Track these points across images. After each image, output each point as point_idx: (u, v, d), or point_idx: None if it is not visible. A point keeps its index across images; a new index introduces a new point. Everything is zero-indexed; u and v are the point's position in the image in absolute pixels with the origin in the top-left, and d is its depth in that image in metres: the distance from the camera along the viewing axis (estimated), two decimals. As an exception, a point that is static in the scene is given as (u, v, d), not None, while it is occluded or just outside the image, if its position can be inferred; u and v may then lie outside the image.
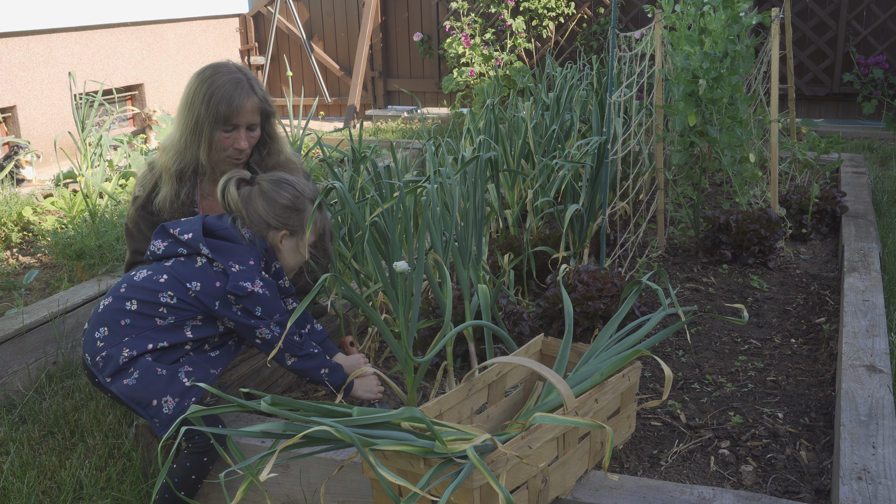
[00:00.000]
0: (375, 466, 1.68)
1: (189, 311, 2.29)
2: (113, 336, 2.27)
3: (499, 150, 3.67)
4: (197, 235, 2.32)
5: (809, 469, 2.26)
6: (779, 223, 3.76)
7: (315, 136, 4.13)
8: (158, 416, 2.22)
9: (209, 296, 2.28)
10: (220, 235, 2.35)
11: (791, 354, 2.94)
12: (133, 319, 2.27)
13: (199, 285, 2.28)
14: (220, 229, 2.36)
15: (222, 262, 2.30)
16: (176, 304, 2.28)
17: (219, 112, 2.52)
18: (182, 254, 2.34)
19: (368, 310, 2.47)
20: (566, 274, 3.00)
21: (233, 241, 2.35)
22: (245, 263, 2.31)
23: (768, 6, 7.36)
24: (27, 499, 2.41)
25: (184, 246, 2.33)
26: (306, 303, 2.13)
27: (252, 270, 2.31)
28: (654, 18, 3.80)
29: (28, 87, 6.58)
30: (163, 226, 2.39)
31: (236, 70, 2.58)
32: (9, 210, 4.63)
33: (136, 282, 2.32)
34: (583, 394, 2.11)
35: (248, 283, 2.28)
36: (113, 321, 2.28)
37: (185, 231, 2.34)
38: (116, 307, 2.30)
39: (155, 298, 2.28)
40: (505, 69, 7.84)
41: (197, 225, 2.36)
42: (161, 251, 2.36)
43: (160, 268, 2.33)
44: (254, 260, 2.33)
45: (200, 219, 2.39)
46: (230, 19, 8.89)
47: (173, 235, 2.35)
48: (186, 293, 2.28)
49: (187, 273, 2.30)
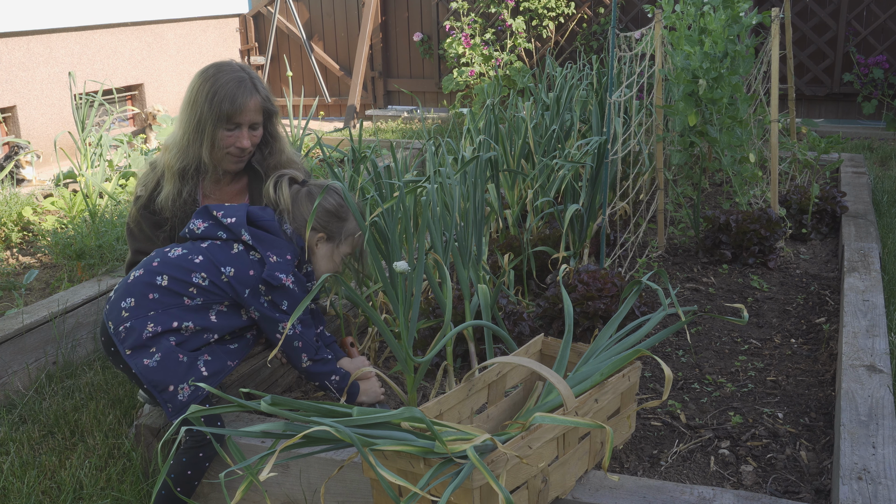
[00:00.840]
0: (375, 466, 1.68)
1: (218, 296, 2.31)
2: (139, 308, 2.27)
3: (499, 150, 3.67)
4: (241, 221, 2.35)
5: (809, 469, 2.26)
6: (779, 223, 3.76)
7: (315, 136, 4.13)
8: (173, 401, 2.25)
9: (241, 283, 2.30)
10: (262, 226, 2.38)
11: (791, 354, 2.94)
12: (162, 295, 2.28)
13: (234, 271, 2.30)
14: (264, 220, 2.39)
15: (261, 251, 2.32)
16: (207, 286, 2.30)
17: (222, 110, 2.52)
18: (221, 237, 2.36)
19: (368, 310, 2.47)
20: (566, 274, 3.00)
21: (274, 233, 2.38)
22: (283, 256, 2.34)
23: (768, 6, 7.36)
24: (27, 499, 2.41)
25: (224, 230, 2.36)
26: (306, 302, 2.13)
27: (289, 264, 2.34)
28: (654, 18, 3.80)
29: (28, 87, 6.58)
30: (206, 207, 2.41)
31: (240, 69, 2.59)
32: (9, 210, 4.63)
33: (170, 258, 2.33)
34: (583, 394, 2.11)
35: (283, 275, 2.30)
36: (141, 294, 2.28)
37: (228, 215, 2.36)
38: (147, 280, 2.30)
39: (187, 277, 2.29)
40: (505, 69, 7.84)
41: (241, 212, 2.38)
42: (200, 231, 2.38)
43: (196, 248, 2.35)
44: (291, 255, 2.36)
45: (245, 207, 2.41)
46: (230, 19, 8.89)
47: (216, 218, 2.37)
48: (219, 277, 2.30)
49: (223, 258, 2.32)
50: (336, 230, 2.49)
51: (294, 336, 2.35)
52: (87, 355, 3.32)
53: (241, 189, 2.77)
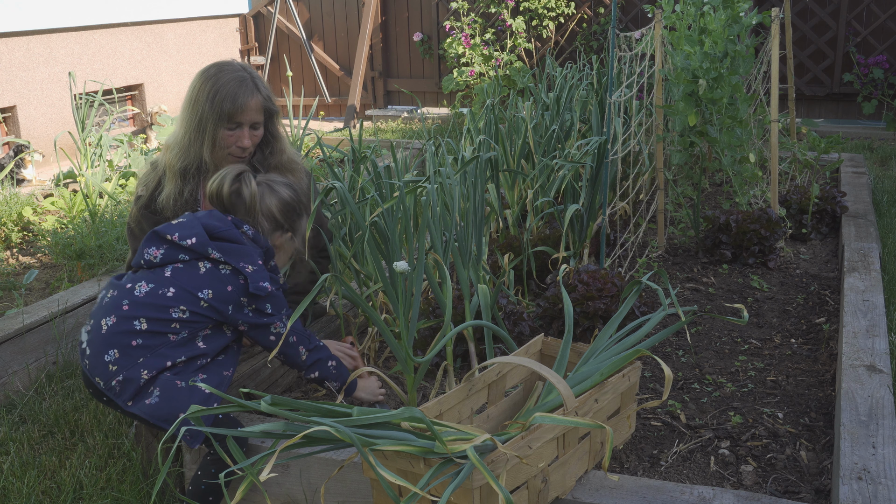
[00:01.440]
0: (375, 466, 1.68)
1: (201, 323, 2.24)
2: (126, 358, 2.18)
3: (499, 150, 3.67)
4: (202, 240, 2.25)
5: (809, 469, 2.26)
6: (779, 223, 3.76)
7: (315, 136, 4.13)
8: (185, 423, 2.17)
9: (223, 301, 2.23)
10: (224, 237, 2.29)
11: (791, 354, 2.94)
12: (145, 339, 2.19)
13: (211, 293, 2.22)
14: (222, 231, 2.29)
15: (233, 264, 2.24)
16: (188, 317, 2.21)
17: (223, 109, 2.52)
18: (183, 260, 2.26)
19: (368, 310, 2.47)
20: (566, 274, 3.00)
21: (237, 241, 2.29)
22: (255, 263, 2.28)
23: (768, 6, 7.36)
24: (27, 499, 2.41)
25: (186, 252, 2.25)
26: (307, 302, 2.13)
27: (263, 269, 2.30)
28: (654, 18, 3.80)
29: (28, 87, 6.58)
30: (155, 232, 2.30)
31: (241, 69, 2.60)
32: (9, 210, 4.64)
33: (139, 298, 2.22)
34: (583, 394, 2.11)
35: (266, 283, 2.26)
36: (123, 344, 2.19)
37: (185, 236, 2.25)
38: (124, 329, 2.20)
39: (166, 315, 2.20)
40: (505, 69, 7.84)
41: (198, 228, 2.27)
42: (158, 259, 2.27)
43: (161, 279, 2.24)
44: (261, 258, 2.32)
45: (198, 222, 2.30)
46: (230, 19, 8.89)
47: (171, 241, 2.26)
48: (198, 304, 2.22)
49: (195, 282, 2.22)
50: (299, 225, 2.51)
51: (288, 332, 2.31)
52: (87, 355, 3.32)
53: None
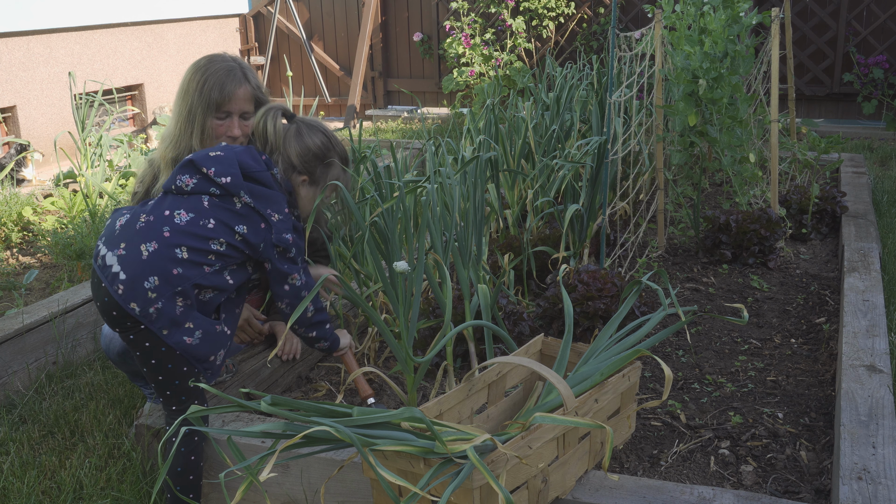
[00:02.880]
0: (375, 466, 1.68)
1: (233, 257, 2.27)
2: (165, 286, 2.18)
3: (499, 150, 3.67)
4: (237, 181, 2.27)
5: (809, 469, 2.26)
6: (779, 223, 3.76)
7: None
8: (212, 367, 2.28)
9: (256, 237, 2.28)
10: (257, 179, 2.31)
11: (791, 354, 2.94)
12: (185, 269, 2.20)
13: (246, 228, 2.26)
14: (256, 171, 2.32)
15: (261, 210, 2.29)
16: (224, 250, 2.25)
17: (211, 98, 2.55)
18: (214, 193, 2.28)
19: (368, 310, 2.47)
20: (566, 274, 3.00)
21: (269, 185, 2.32)
22: (282, 212, 2.32)
23: (768, 6, 7.36)
24: (27, 499, 2.41)
25: (217, 187, 2.28)
26: (306, 302, 2.14)
27: (288, 219, 2.33)
28: (654, 18, 3.80)
29: (28, 87, 6.58)
30: (192, 160, 2.31)
31: (231, 59, 2.63)
32: (9, 210, 4.64)
33: (180, 226, 2.22)
34: (583, 394, 2.11)
35: (289, 235, 2.31)
36: (164, 270, 2.18)
37: (221, 174, 2.27)
38: (167, 255, 2.19)
39: (206, 246, 2.23)
40: (505, 69, 7.84)
41: (234, 168, 2.29)
42: (189, 187, 2.28)
43: (201, 209, 2.25)
44: (287, 207, 2.35)
45: (235, 158, 2.32)
46: (230, 19, 8.89)
47: (206, 174, 2.28)
48: (234, 238, 2.26)
49: (233, 218, 2.26)
50: (320, 174, 2.46)
51: (302, 285, 2.35)
52: (87, 355, 3.32)
53: None
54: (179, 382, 2.25)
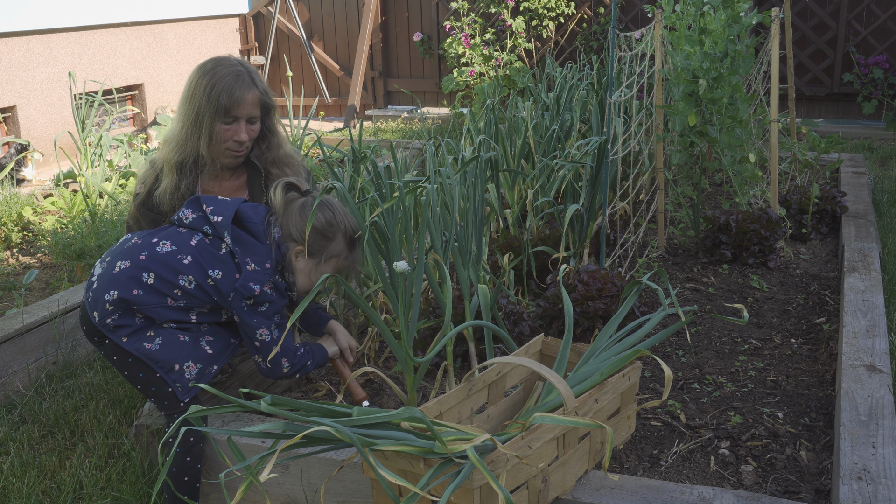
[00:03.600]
0: (375, 467, 1.68)
1: (201, 300, 2.28)
2: (122, 302, 2.24)
3: (499, 150, 3.67)
4: (226, 222, 2.30)
5: (809, 469, 2.26)
6: (779, 223, 3.76)
7: (315, 136, 4.13)
8: (180, 380, 2.26)
9: (228, 285, 2.27)
10: (248, 228, 2.33)
11: (791, 354, 2.94)
12: (146, 293, 2.24)
13: (221, 274, 2.27)
14: (250, 222, 2.34)
15: (240, 257, 2.28)
16: (192, 289, 2.26)
17: (220, 103, 2.53)
18: (207, 233, 2.31)
19: (368, 310, 2.47)
20: (566, 274, 3.00)
21: (258, 237, 2.33)
22: (262, 265, 2.29)
23: (768, 6, 7.36)
24: (27, 499, 2.41)
25: (210, 226, 2.31)
26: (306, 302, 2.13)
27: (266, 273, 2.29)
28: (654, 18, 3.80)
29: (28, 87, 6.58)
30: (198, 197, 2.37)
31: (237, 63, 2.61)
32: (9, 210, 4.63)
33: (159, 254, 2.28)
34: (583, 394, 2.11)
35: (257, 287, 2.26)
36: (126, 287, 2.24)
37: (216, 212, 2.32)
38: (133, 275, 2.25)
39: (174, 279, 2.25)
40: (505, 69, 7.84)
41: (230, 210, 2.32)
42: (188, 221, 2.34)
43: (185, 245, 2.29)
44: (270, 263, 2.31)
45: (237, 203, 2.36)
46: (230, 19, 8.89)
47: (204, 212, 2.33)
48: (206, 280, 2.27)
49: (211, 260, 2.27)
50: (318, 248, 2.39)
51: (272, 341, 2.31)
52: (87, 355, 3.32)
53: (241, 185, 2.77)
54: (156, 390, 2.29)
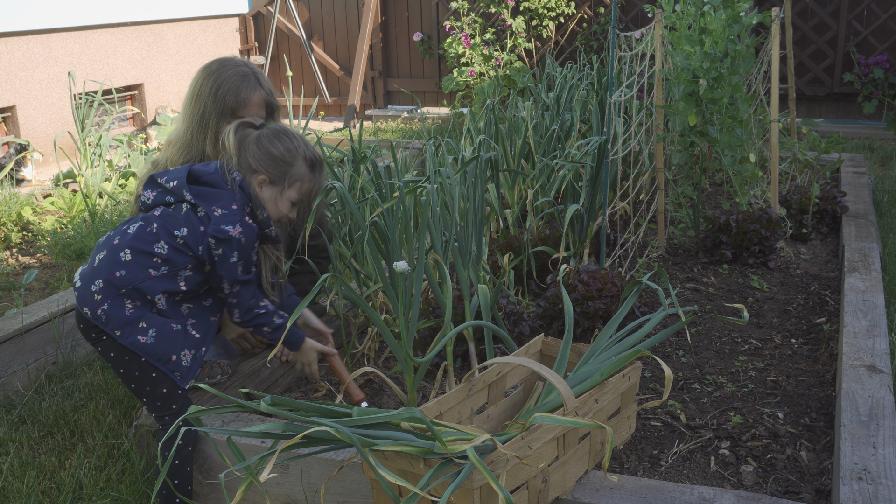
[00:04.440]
0: (375, 467, 1.68)
1: (180, 260, 2.29)
2: (109, 287, 2.25)
3: (499, 150, 3.67)
4: (181, 182, 2.32)
5: (810, 469, 2.26)
6: (779, 223, 3.76)
7: (315, 136, 4.13)
8: (179, 369, 2.28)
9: (195, 240, 2.28)
10: (204, 181, 2.34)
11: (791, 354, 2.94)
12: (128, 271, 2.26)
13: (186, 230, 2.28)
14: (205, 175, 2.35)
15: (205, 208, 2.28)
16: (167, 254, 2.28)
17: (226, 104, 2.54)
18: (169, 202, 2.33)
19: (368, 310, 2.47)
20: (566, 274, 3.00)
21: (217, 185, 2.33)
22: (228, 207, 2.29)
23: (768, 6, 7.36)
24: (27, 499, 2.41)
25: (170, 194, 2.33)
26: (306, 302, 2.13)
27: (234, 214, 2.29)
28: (654, 18, 3.80)
29: (28, 87, 6.57)
30: (152, 176, 2.37)
31: (243, 64, 2.63)
32: (8, 210, 4.63)
33: (129, 233, 2.31)
34: (583, 394, 2.11)
35: (230, 227, 2.27)
36: (108, 272, 2.26)
37: (171, 179, 2.34)
38: (111, 259, 2.28)
39: (149, 248, 2.27)
40: (505, 69, 7.84)
41: (182, 172, 2.35)
42: (150, 201, 2.35)
43: (150, 218, 2.33)
44: (237, 204, 2.31)
45: (188, 166, 2.38)
46: (230, 19, 8.89)
47: (161, 185, 2.35)
48: (175, 241, 2.28)
49: (175, 221, 2.30)
50: (279, 174, 2.37)
51: (230, 295, 2.34)
52: (87, 355, 3.32)
53: None
54: (151, 389, 2.29)
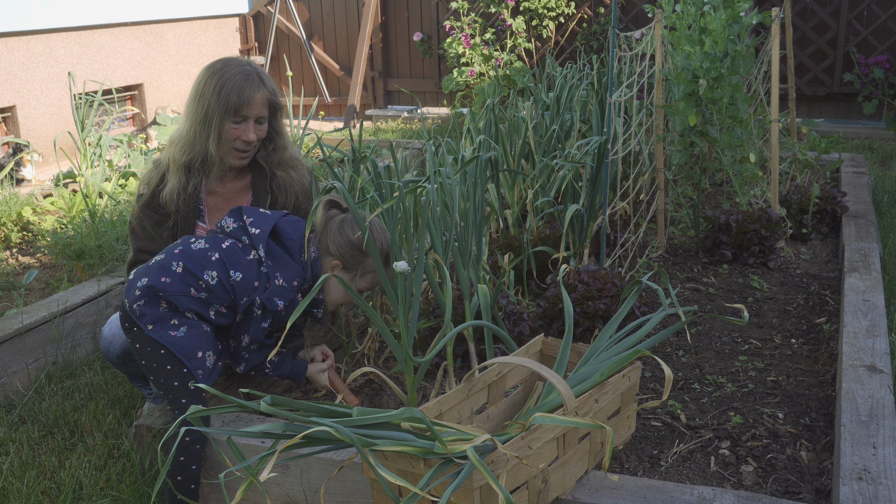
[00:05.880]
0: (375, 467, 1.68)
1: (220, 296, 2.36)
2: (150, 289, 2.34)
3: (499, 150, 3.66)
4: (263, 235, 2.39)
5: (810, 469, 2.26)
6: (779, 223, 3.76)
7: (315, 136, 4.13)
8: (202, 367, 2.34)
9: (243, 289, 2.35)
10: (283, 244, 2.42)
11: (791, 354, 2.94)
12: (172, 280, 2.34)
13: (241, 276, 2.35)
14: (287, 238, 2.43)
15: (270, 271, 2.37)
16: (214, 285, 2.35)
17: (229, 102, 2.54)
18: (244, 241, 2.40)
19: (368, 310, 2.46)
20: (566, 274, 3.00)
21: (291, 254, 2.41)
22: (290, 281, 2.38)
23: (768, 6, 7.36)
24: (27, 499, 2.41)
25: (248, 236, 2.40)
26: (307, 301, 2.13)
27: (292, 290, 2.38)
28: (654, 18, 3.80)
29: (28, 86, 6.57)
30: (241, 208, 2.46)
31: (246, 63, 2.64)
32: (8, 210, 4.63)
33: (192, 249, 2.38)
34: (583, 394, 2.11)
35: (281, 302, 2.36)
36: (156, 276, 2.35)
37: (255, 224, 2.41)
38: (164, 264, 2.36)
39: (200, 272, 2.35)
40: (505, 69, 7.84)
41: (269, 224, 2.42)
42: (230, 229, 2.43)
43: (218, 246, 2.39)
44: (297, 281, 2.40)
45: (276, 217, 2.44)
46: (230, 19, 8.89)
47: (244, 223, 2.42)
48: (227, 279, 2.35)
49: (236, 261, 2.36)
50: (355, 262, 2.48)
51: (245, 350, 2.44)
52: (87, 355, 3.32)
53: (245, 186, 2.77)
54: (166, 381, 2.33)
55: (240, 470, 1.76)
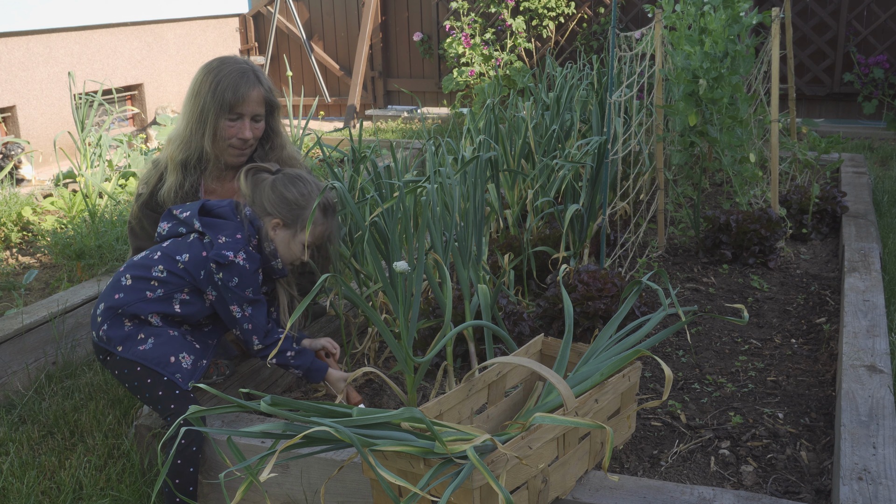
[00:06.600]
0: (375, 467, 1.68)
1: (176, 284, 2.39)
2: (108, 310, 2.39)
3: (499, 150, 3.66)
4: (193, 213, 2.43)
5: (810, 469, 2.26)
6: (779, 223, 3.76)
7: (315, 136, 4.13)
8: (179, 370, 2.35)
9: (196, 265, 2.38)
10: (216, 214, 2.46)
11: (791, 354, 2.94)
12: (126, 294, 2.38)
13: (188, 256, 2.39)
14: (217, 208, 2.47)
15: (211, 236, 2.38)
16: (165, 276, 2.39)
17: (224, 99, 2.55)
18: (181, 233, 2.45)
19: (368, 310, 2.47)
20: (566, 274, 3.00)
21: (226, 217, 2.44)
22: (232, 236, 2.39)
23: (768, 6, 7.36)
24: (27, 499, 2.41)
25: (182, 225, 2.45)
26: (307, 301, 2.13)
27: (238, 242, 2.38)
28: (654, 18, 3.80)
29: (28, 86, 6.57)
30: (169, 209, 2.49)
31: (243, 62, 2.66)
32: (8, 210, 4.63)
33: (134, 261, 2.45)
34: (583, 394, 2.11)
35: (231, 253, 2.35)
36: (109, 297, 2.40)
37: (184, 211, 2.46)
38: (114, 284, 2.43)
39: (147, 274, 2.39)
40: (505, 69, 7.84)
41: (196, 205, 2.47)
42: (165, 232, 2.47)
43: (158, 247, 2.45)
44: (241, 234, 2.41)
45: (202, 201, 2.50)
46: (230, 19, 8.89)
47: (175, 216, 2.47)
48: (176, 266, 2.39)
49: (178, 248, 2.41)
50: (292, 218, 2.47)
51: (242, 318, 2.40)
52: (87, 355, 3.32)
53: None
54: (150, 394, 2.35)
55: (240, 470, 1.76)
